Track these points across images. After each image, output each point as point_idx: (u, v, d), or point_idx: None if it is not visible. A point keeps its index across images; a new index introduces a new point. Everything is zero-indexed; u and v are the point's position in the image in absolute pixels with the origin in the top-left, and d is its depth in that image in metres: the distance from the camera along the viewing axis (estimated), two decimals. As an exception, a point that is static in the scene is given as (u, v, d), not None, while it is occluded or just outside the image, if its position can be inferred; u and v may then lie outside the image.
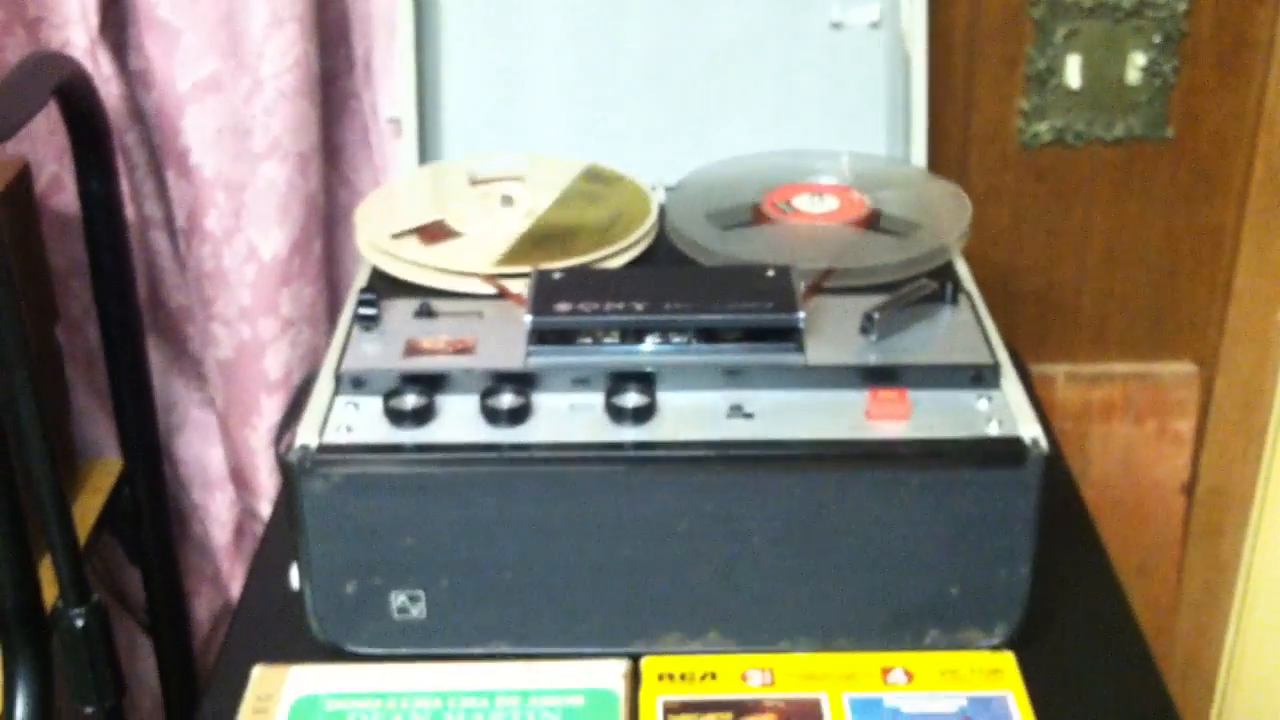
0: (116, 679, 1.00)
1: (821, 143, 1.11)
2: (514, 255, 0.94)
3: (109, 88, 1.14)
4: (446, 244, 0.95)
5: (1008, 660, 0.80)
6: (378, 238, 0.95)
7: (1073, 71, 1.21)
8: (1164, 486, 1.36)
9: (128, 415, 1.21)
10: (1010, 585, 0.80)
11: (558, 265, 0.89)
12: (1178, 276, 1.30)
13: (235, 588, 1.32)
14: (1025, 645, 0.81)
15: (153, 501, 1.24)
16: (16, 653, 0.92)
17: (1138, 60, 1.21)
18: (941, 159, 1.23)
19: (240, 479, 1.26)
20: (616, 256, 0.95)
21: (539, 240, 0.96)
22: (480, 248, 0.94)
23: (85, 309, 1.22)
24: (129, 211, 1.20)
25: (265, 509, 1.24)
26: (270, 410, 1.20)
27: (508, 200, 1.01)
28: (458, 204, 1.00)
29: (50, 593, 0.96)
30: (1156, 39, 1.20)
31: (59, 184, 1.18)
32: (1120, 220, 1.28)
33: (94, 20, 1.12)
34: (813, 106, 1.13)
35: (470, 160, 1.08)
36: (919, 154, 1.09)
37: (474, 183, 1.04)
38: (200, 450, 1.32)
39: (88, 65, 1.12)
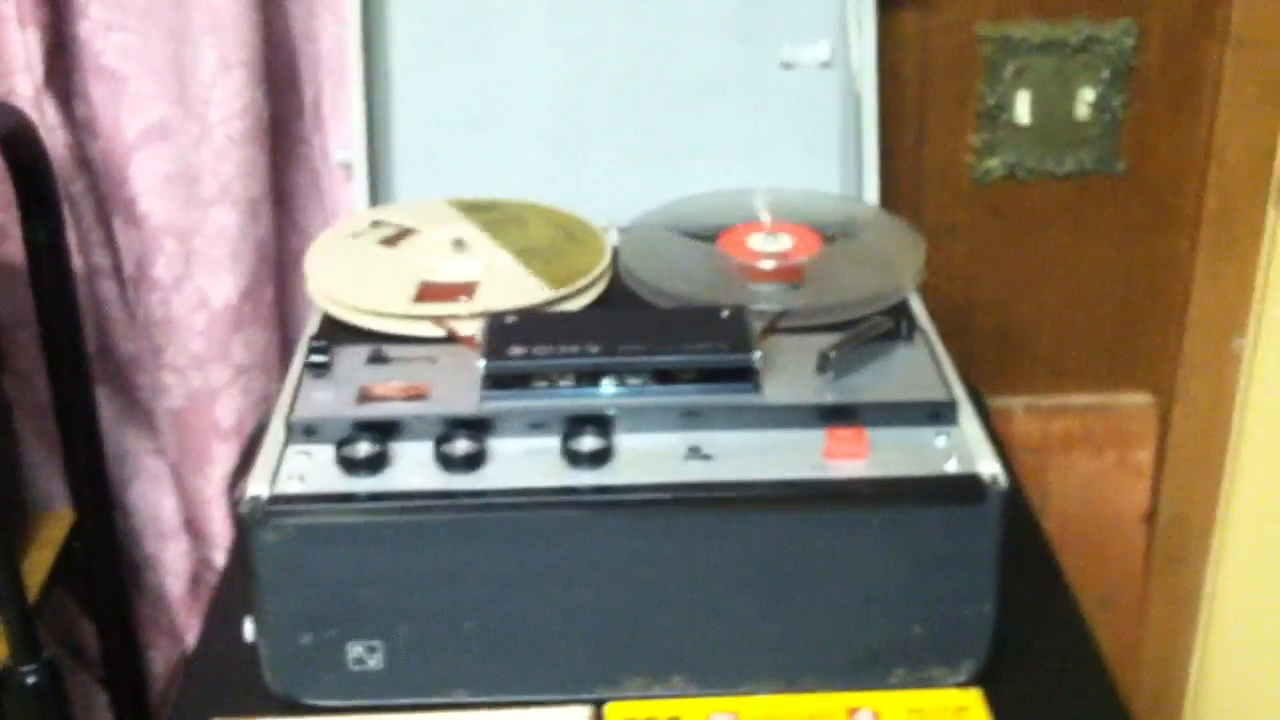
0: (68, 737, 0.98)
1: (776, 181, 1.11)
2: (560, 280, 0.94)
3: (55, 136, 1.13)
4: (479, 296, 0.93)
5: (974, 697, 0.80)
6: (384, 305, 0.92)
7: (1022, 107, 1.22)
8: (1125, 517, 1.36)
9: (78, 467, 1.19)
10: (974, 622, 0.79)
11: (510, 308, 0.89)
12: (1133, 308, 1.31)
13: (192, 639, 1.30)
14: (992, 681, 0.81)
15: (105, 553, 1.22)
16: (-35, 713, 0.90)
17: (1087, 95, 1.22)
18: (895, 195, 1.23)
19: (194, 529, 1.24)
20: (571, 299, 0.94)
21: (547, 264, 0.97)
22: (516, 287, 0.94)
23: (34, 360, 1.20)
24: (77, 261, 1.18)
25: (220, 558, 1.23)
26: (223, 458, 1.19)
27: (460, 244, 1.00)
28: (414, 255, 0.99)
29: (1, 651, 0.94)
30: (1105, 74, 1.21)
31: (5, 233, 1.17)
32: (1075, 254, 1.29)
33: (39, 69, 1.10)
34: (767, 145, 1.13)
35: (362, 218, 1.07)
36: (871, 191, 1.09)
37: (384, 243, 1.02)
38: (154, 501, 1.30)
39: (33, 114, 1.10)
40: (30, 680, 0.91)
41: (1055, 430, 1.32)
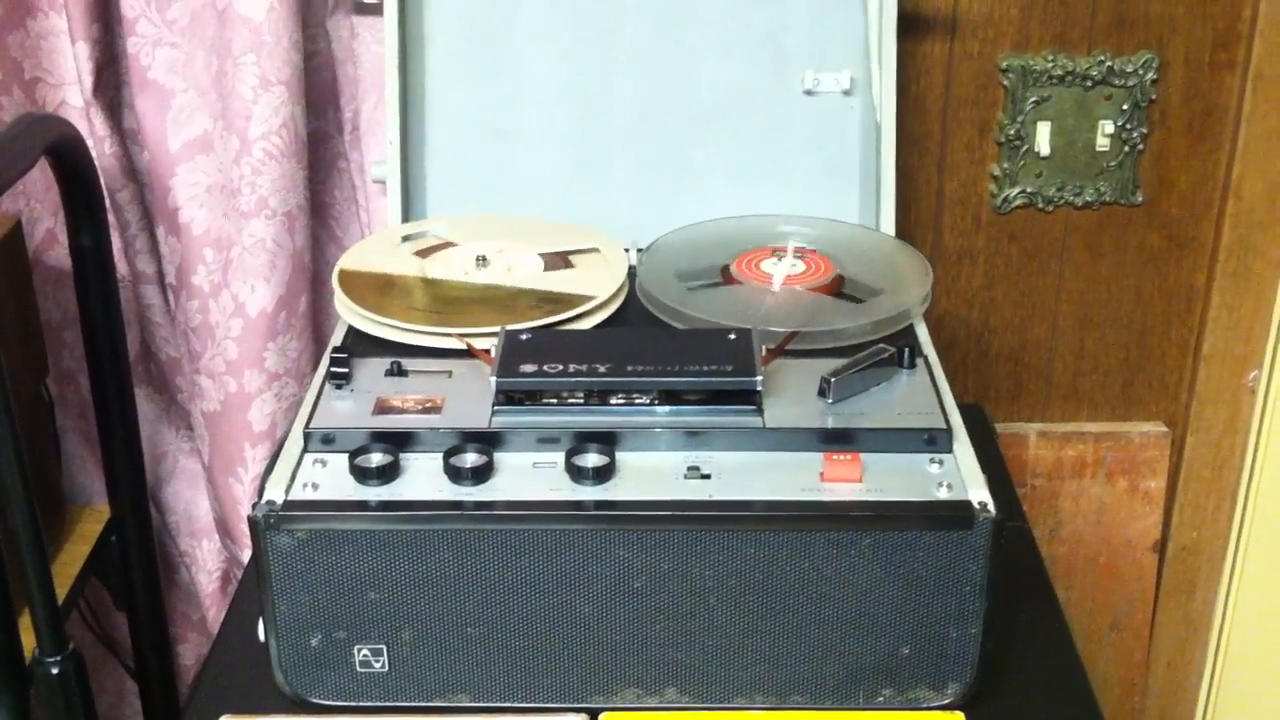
0: (93, 727, 1.01)
1: (796, 206, 1.13)
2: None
3: (103, 146, 1.17)
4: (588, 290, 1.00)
5: None
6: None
7: (1043, 138, 1.23)
8: (1136, 544, 1.37)
9: (116, 464, 1.23)
10: (961, 645, 0.82)
11: (527, 324, 0.92)
12: (1149, 338, 1.32)
13: (220, 635, 1.34)
14: (976, 705, 0.83)
15: (139, 548, 1.26)
16: (-5, 700, 0.94)
17: (1107, 127, 1.23)
18: (915, 221, 1.26)
19: (225, 528, 1.28)
20: (587, 317, 0.97)
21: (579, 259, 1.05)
22: (594, 279, 1.01)
23: (78, 361, 1.25)
24: (122, 266, 1.23)
25: (248, 558, 1.26)
26: (255, 461, 1.22)
27: (483, 260, 1.03)
28: (441, 269, 1.03)
29: (29, 642, 0.97)
30: (1125, 106, 1.22)
31: (54, 239, 1.21)
32: (1091, 282, 1.30)
33: (89, 81, 1.15)
34: (787, 171, 1.15)
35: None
36: (888, 219, 1.11)
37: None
38: (189, 499, 1.34)
39: (82, 125, 1.15)
40: (55, 671, 0.94)
41: (1068, 456, 1.34)
